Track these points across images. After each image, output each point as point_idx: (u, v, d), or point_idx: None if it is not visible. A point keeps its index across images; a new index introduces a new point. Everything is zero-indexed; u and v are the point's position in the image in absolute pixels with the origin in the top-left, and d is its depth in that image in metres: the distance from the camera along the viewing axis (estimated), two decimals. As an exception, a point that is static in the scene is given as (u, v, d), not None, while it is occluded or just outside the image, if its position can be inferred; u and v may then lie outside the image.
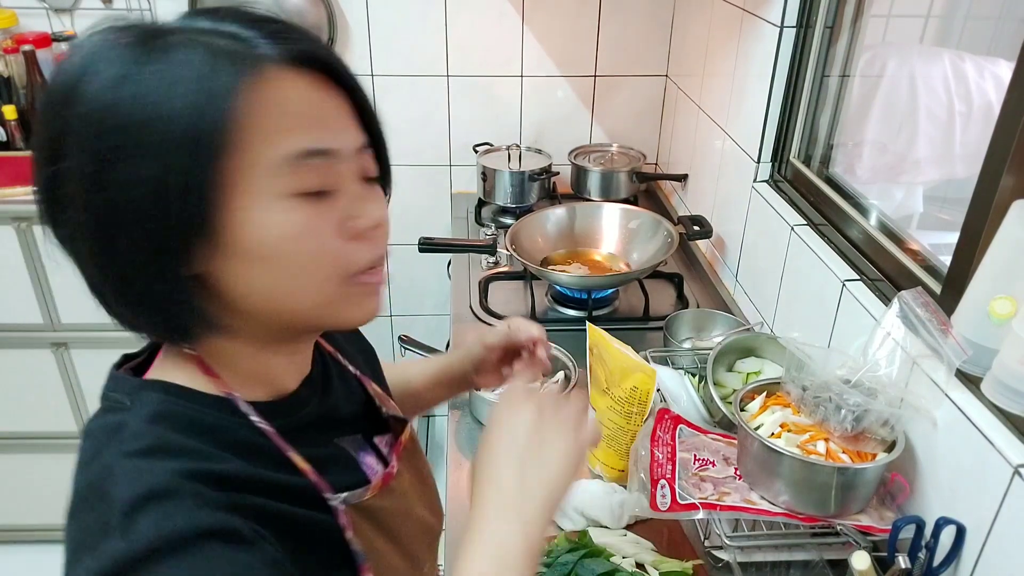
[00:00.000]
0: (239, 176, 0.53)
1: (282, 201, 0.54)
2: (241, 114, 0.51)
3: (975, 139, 1.60)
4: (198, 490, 0.52)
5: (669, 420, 1.17)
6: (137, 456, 0.54)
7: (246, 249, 0.54)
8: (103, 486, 0.54)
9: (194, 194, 0.51)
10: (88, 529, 0.53)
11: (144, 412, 0.58)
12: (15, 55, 1.89)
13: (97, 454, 0.59)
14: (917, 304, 0.99)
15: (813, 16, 1.43)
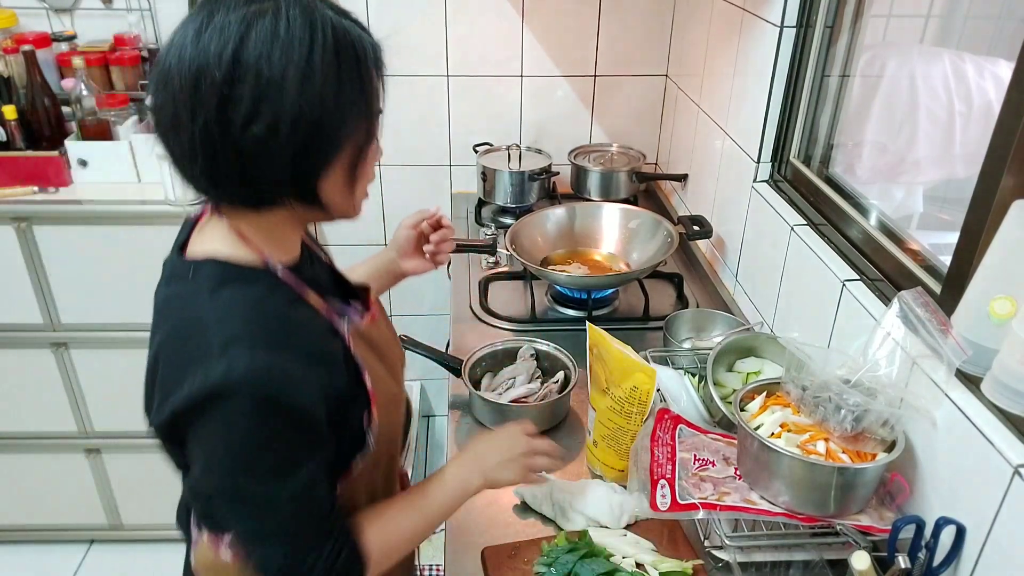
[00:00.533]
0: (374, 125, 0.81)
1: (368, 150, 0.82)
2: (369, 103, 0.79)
3: (975, 139, 1.60)
4: (267, 333, 0.75)
5: (669, 420, 1.17)
6: (216, 308, 0.76)
7: (362, 167, 0.82)
8: (193, 329, 0.76)
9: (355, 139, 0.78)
10: (188, 356, 0.74)
11: (206, 279, 0.79)
12: (15, 55, 1.88)
13: (179, 310, 0.79)
14: (917, 304, 0.99)
15: (813, 16, 1.43)
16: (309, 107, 0.72)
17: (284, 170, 0.75)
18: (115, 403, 2.09)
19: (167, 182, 1.79)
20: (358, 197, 0.84)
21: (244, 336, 0.74)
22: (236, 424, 0.73)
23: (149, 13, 2.16)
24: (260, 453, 0.76)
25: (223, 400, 0.73)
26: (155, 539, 2.36)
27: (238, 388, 0.72)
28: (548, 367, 1.45)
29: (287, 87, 0.71)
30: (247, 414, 0.73)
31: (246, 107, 0.71)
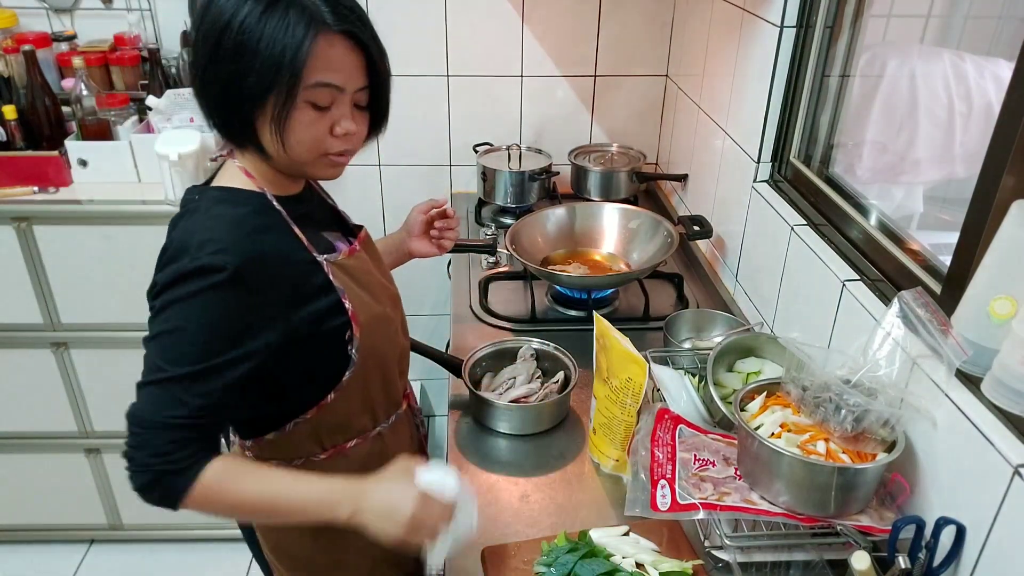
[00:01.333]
0: (298, 85, 0.90)
1: (305, 106, 0.93)
2: (304, 54, 0.89)
3: (975, 139, 1.59)
4: (236, 240, 0.92)
5: (669, 420, 1.17)
6: (203, 218, 0.95)
7: (288, 121, 0.93)
8: (187, 235, 0.92)
9: (277, 91, 0.90)
10: (176, 251, 0.91)
11: (209, 199, 0.98)
12: (15, 55, 1.88)
13: (181, 226, 0.96)
14: (917, 304, 0.99)
15: (813, 16, 1.43)
16: (226, 55, 0.90)
17: (220, 111, 0.95)
18: (115, 403, 2.07)
19: (167, 182, 1.79)
20: (295, 152, 0.96)
21: (219, 240, 0.91)
22: (191, 299, 0.89)
23: (149, 13, 2.16)
24: (204, 326, 0.90)
25: (184, 281, 0.89)
26: (155, 539, 2.36)
27: (196, 272, 0.89)
28: (548, 367, 1.45)
29: (214, 39, 0.90)
30: (201, 292, 0.89)
31: (196, 55, 0.94)
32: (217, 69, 0.91)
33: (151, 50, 2.05)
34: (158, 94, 2.00)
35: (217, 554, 2.34)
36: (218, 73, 0.91)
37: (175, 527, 2.32)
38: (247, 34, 0.88)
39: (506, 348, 1.46)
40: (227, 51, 0.89)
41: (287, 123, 0.92)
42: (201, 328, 0.90)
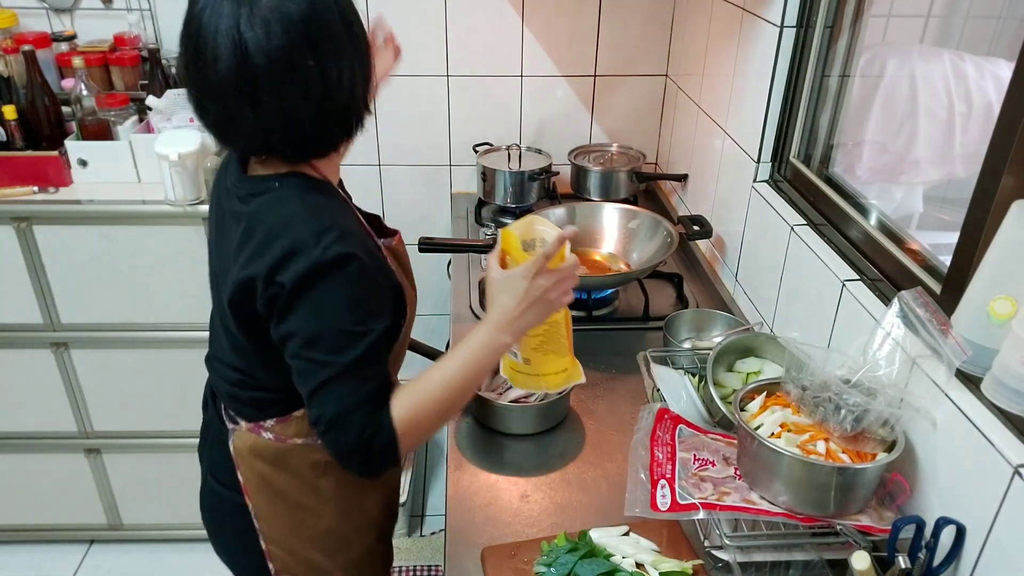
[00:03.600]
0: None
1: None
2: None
3: (975, 139, 1.60)
4: (346, 229, 0.95)
5: (669, 420, 1.17)
6: (306, 208, 0.96)
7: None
8: (287, 224, 0.94)
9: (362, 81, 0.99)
10: (287, 243, 0.92)
11: (292, 185, 0.99)
12: (15, 55, 1.88)
13: (272, 212, 0.96)
14: (917, 304, 0.99)
15: (813, 16, 1.43)
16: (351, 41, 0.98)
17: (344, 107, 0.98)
18: (115, 403, 2.09)
19: (167, 182, 1.79)
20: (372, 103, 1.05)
21: (334, 228, 0.94)
22: (334, 291, 0.93)
23: (149, 13, 2.16)
24: (350, 311, 0.94)
25: (323, 275, 0.92)
26: (155, 539, 2.36)
27: (334, 264, 0.92)
28: (548, 367, 1.45)
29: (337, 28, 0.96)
30: (341, 283, 0.93)
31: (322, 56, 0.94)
32: (345, 57, 0.94)
33: (151, 50, 2.05)
34: (158, 94, 2.00)
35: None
36: (349, 61, 0.95)
37: (175, 527, 2.32)
38: (353, 15, 0.96)
39: (506, 348, 1.46)
40: (347, 38, 0.95)
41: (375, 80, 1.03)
42: (351, 314, 0.94)
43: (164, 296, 1.94)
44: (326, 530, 1.21)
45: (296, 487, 1.16)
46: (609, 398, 1.44)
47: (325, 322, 0.93)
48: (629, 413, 1.37)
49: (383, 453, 0.95)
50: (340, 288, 0.93)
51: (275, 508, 1.19)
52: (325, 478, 1.17)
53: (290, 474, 1.15)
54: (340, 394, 0.94)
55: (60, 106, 1.96)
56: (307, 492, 1.17)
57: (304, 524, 1.20)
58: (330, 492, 1.18)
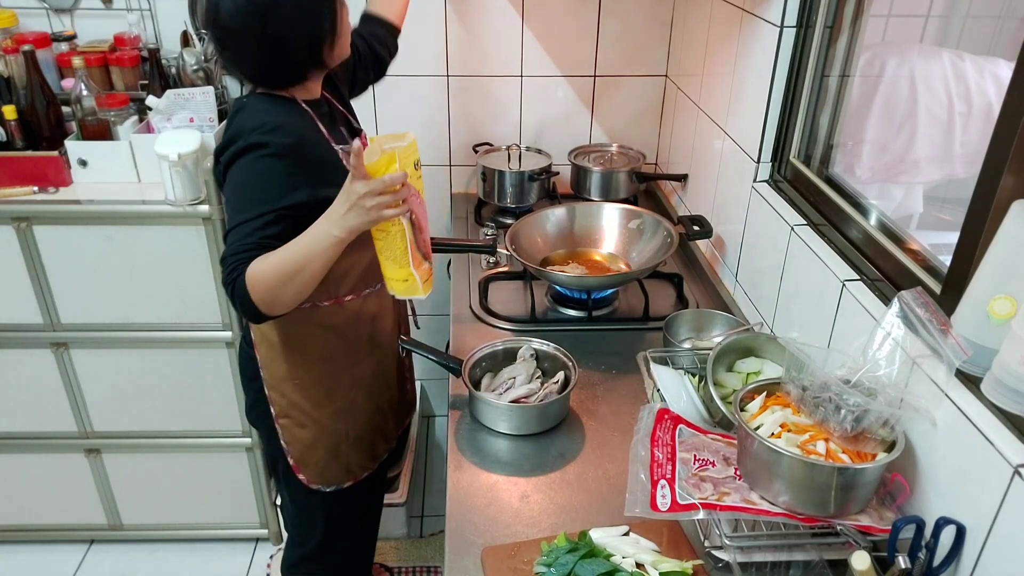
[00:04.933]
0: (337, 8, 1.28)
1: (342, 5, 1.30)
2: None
3: (975, 139, 1.60)
4: (278, 126, 1.24)
5: (669, 420, 1.17)
6: (254, 113, 1.27)
7: (340, 31, 1.30)
8: (235, 123, 1.27)
9: (329, 30, 1.27)
10: (233, 132, 1.26)
11: (255, 99, 1.31)
12: (15, 55, 1.88)
13: (233, 115, 1.30)
14: (917, 304, 0.99)
15: (813, 16, 1.43)
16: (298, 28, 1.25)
17: (300, 65, 1.29)
18: (115, 403, 2.09)
19: (167, 182, 1.79)
20: (342, 52, 1.33)
21: (265, 124, 1.23)
22: (245, 167, 1.22)
23: (149, 13, 2.16)
24: (253, 185, 1.23)
25: (241, 155, 1.22)
26: (155, 539, 2.36)
27: (249, 148, 1.21)
28: (548, 367, 1.45)
29: (280, 23, 1.23)
30: (251, 162, 1.22)
31: (267, 40, 1.24)
32: (290, 24, 1.21)
33: (151, 50, 2.05)
34: (158, 94, 2.00)
35: (217, 554, 2.34)
36: (295, 38, 1.23)
37: (175, 527, 2.32)
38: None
39: (506, 348, 1.46)
40: (292, 7, 1.20)
41: (341, 31, 1.28)
42: (254, 186, 1.22)
43: (164, 296, 1.94)
44: (311, 381, 1.47)
45: (288, 343, 1.43)
46: (609, 398, 1.44)
47: (235, 190, 1.23)
48: (629, 413, 1.37)
49: (240, 295, 1.17)
50: (250, 166, 1.22)
51: (272, 359, 1.46)
52: (312, 338, 1.44)
53: (283, 331, 1.42)
54: (230, 242, 1.20)
55: (60, 106, 1.96)
56: (297, 347, 1.44)
57: (292, 374, 1.46)
58: (317, 349, 1.45)
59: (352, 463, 1.58)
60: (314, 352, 1.45)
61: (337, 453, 1.55)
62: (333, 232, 1.14)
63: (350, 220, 1.13)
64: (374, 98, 2.22)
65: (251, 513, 2.29)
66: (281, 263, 1.17)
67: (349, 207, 1.13)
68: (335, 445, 1.54)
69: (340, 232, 1.14)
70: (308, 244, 1.17)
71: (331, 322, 1.44)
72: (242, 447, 2.14)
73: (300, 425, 1.51)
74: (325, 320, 1.43)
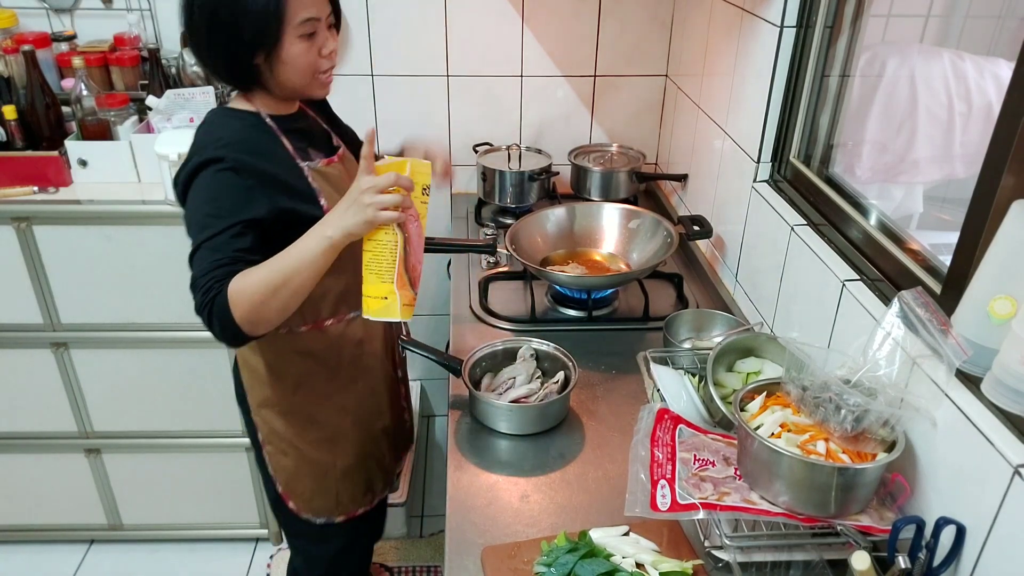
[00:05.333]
0: (286, 26, 1.16)
1: (296, 40, 1.18)
2: (282, 7, 1.14)
3: (975, 139, 1.60)
4: (230, 143, 1.19)
5: (669, 420, 1.17)
6: (211, 128, 1.24)
7: (282, 58, 1.19)
8: (198, 141, 1.21)
9: (271, 35, 1.16)
10: (187, 160, 1.19)
11: (216, 113, 1.28)
12: (15, 55, 1.88)
13: (198, 132, 1.24)
14: (917, 304, 0.99)
15: (813, 16, 1.43)
16: (225, 18, 1.14)
17: (226, 64, 1.20)
18: (115, 403, 2.09)
19: (167, 182, 1.79)
20: (294, 80, 1.22)
21: (219, 138, 1.19)
22: (201, 184, 1.16)
23: (149, 13, 2.16)
24: (208, 201, 1.15)
25: (196, 172, 1.16)
26: (155, 539, 2.36)
27: (203, 165, 1.16)
28: (548, 367, 1.45)
29: (206, 13, 1.15)
30: (207, 178, 1.16)
31: (196, 29, 1.19)
32: (218, 29, 1.15)
33: (151, 50, 2.05)
34: (158, 94, 2.00)
35: (217, 554, 2.34)
36: (220, 32, 1.16)
37: (175, 527, 2.32)
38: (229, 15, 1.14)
39: (506, 348, 1.46)
40: (225, 13, 1.14)
41: (285, 58, 1.18)
42: (215, 200, 1.15)
43: (164, 296, 1.93)
44: (291, 408, 1.42)
45: (265, 368, 1.39)
46: (609, 398, 1.44)
47: (195, 207, 1.16)
48: (629, 413, 1.37)
49: (220, 315, 1.09)
50: (208, 181, 1.16)
51: (252, 383, 1.42)
52: (289, 364, 1.38)
53: (260, 356, 1.38)
54: (198, 263, 1.13)
55: (60, 106, 1.96)
56: (273, 372, 1.39)
57: (271, 400, 1.42)
58: (292, 376, 1.39)
59: (343, 496, 1.52)
60: (293, 378, 1.40)
61: (325, 484, 1.49)
62: (326, 233, 1.10)
63: (347, 218, 1.10)
64: (374, 98, 2.22)
65: (251, 513, 2.29)
66: (268, 275, 1.10)
67: (349, 204, 1.10)
68: (321, 475, 1.48)
69: (334, 232, 1.10)
70: (298, 251, 1.11)
71: (309, 348, 1.38)
72: (242, 447, 2.14)
73: (282, 452, 1.46)
74: (303, 346, 1.37)
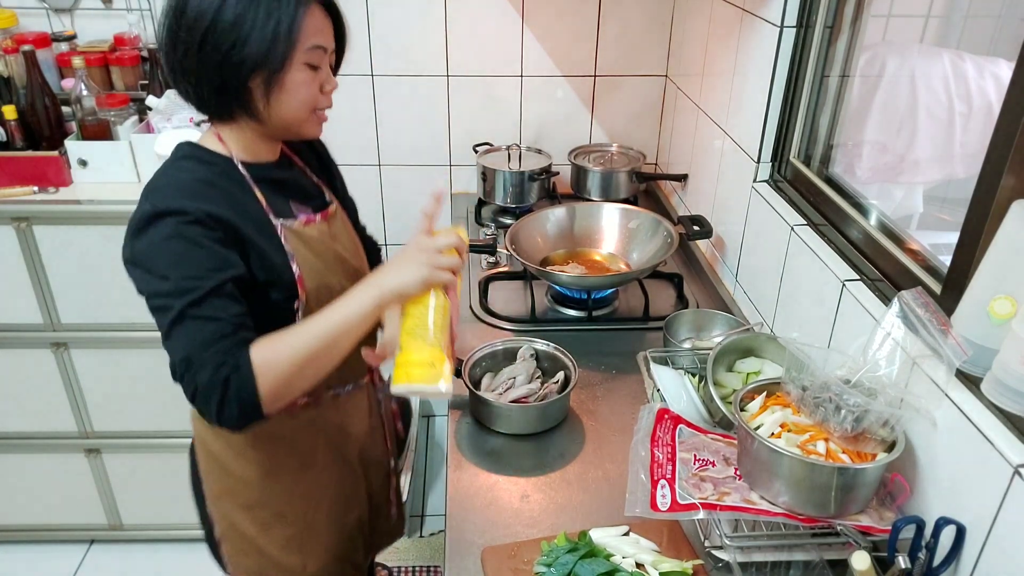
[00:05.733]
0: (296, 48, 1.02)
1: (302, 67, 1.04)
2: (297, 26, 1.01)
3: (975, 139, 1.60)
4: (193, 192, 1.01)
5: (669, 420, 1.17)
6: (170, 175, 1.05)
7: (284, 84, 1.04)
8: (153, 184, 1.03)
9: (277, 54, 1.01)
10: (138, 206, 1.00)
11: (181, 151, 1.09)
12: (15, 55, 1.88)
13: (152, 176, 1.05)
14: (917, 304, 0.99)
15: (813, 16, 1.43)
16: (225, 29, 0.98)
17: (213, 82, 1.01)
18: (115, 403, 2.09)
19: (167, 182, 1.79)
20: (286, 114, 1.06)
21: (170, 188, 1.01)
22: (152, 245, 0.98)
23: (149, 13, 2.16)
24: (178, 261, 0.97)
25: (145, 227, 0.98)
26: (155, 539, 2.36)
27: (153, 218, 0.97)
28: (548, 367, 1.45)
29: (203, 23, 0.98)
30: (163, 234, 0.97)
31: (184, 41, 1.00)
32: (216, 41, 0.98)
33: (151, 50, 2.05)
34: (158, 94, 2.01)
35: (217, 554, 2.34)
36: (216, 45, 0.98)
37: (175, 527, 2.32)
38: (244, 8, 0.98)
39: (506, 348, 1.46)
40: (225, 25, 0.98)
41: (287, 85, 1.03)
42: (192, 257, 0.97)
43: (164, 296, 1.93)
44: (256, 501, 1.22)
45: (227, 453, 1.20)
46: (609, 398, 1.44)
47: (159, 268, 0.97)
48: (629, 413, 1.37)
49: (241, 392, 0.93)
50: (167, 237, 0.97)
51: (210, 470, 1.23)
52: (254, 450, 1.19)
53: (222, 439, 1.19)
54: (187, 335, 0.94)
55: (60, 106, 1.97)
56: (235, 457, 1.19)
57: (234, 491, 1.22)
58: (259, 463, 1.20)
59: None
60: (260, 466, 1.21)
61: None
62: (375, 292, 1.00)
63: (403, 276, 1.01)
64: (374, 98, 2.22)
65: (251, 513, 2.29)
66: (309, 340, 0.97)
67: (405, 261, 1.02)
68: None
69: (384, 292, 1.00)
70: (345, 312, 0.99)
71: (281, 431, 1.19)
72: (242, 447, 2.14)
73: (243, 553, 1.26)
74: (273, 429, 1.17)
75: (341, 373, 1.13)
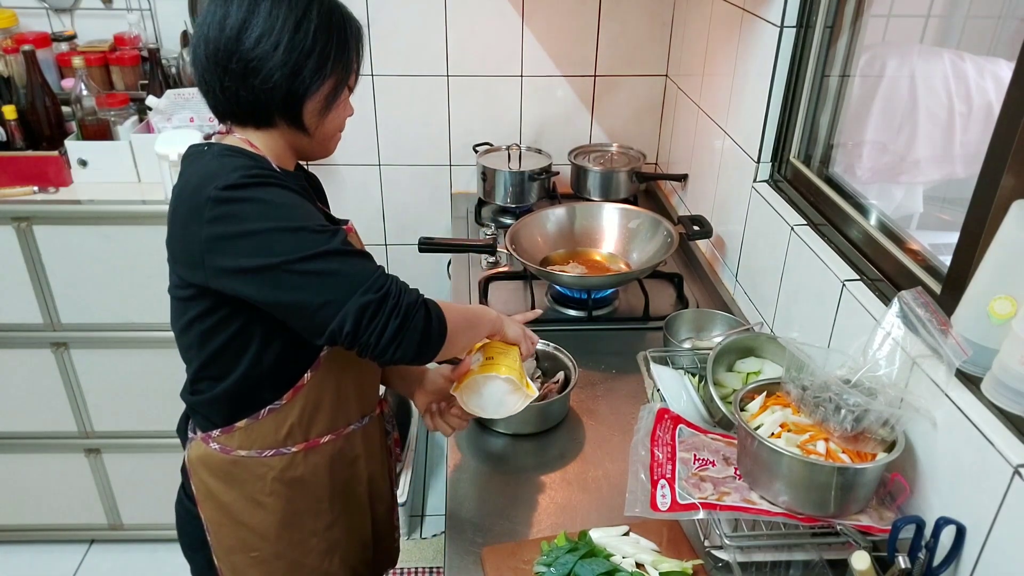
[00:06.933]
0: (358, 70, 1.08)
1: (347, 89, 1.07)
2: (365, 43, 1.08)
3: (975, 139, 1.59)
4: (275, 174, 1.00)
5: (669, 420, 1.17)
6: (221, 160, 0.98)
7: (340, 100, 1.06)
8: (204, 178, 0.95)
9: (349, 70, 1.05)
10: (200, 199, 0.93)
11: (217, 151, 1.01)
12: (15, 55, 1.88)
13: (192, 171, 0.99)
14: (917, 304, 0.99)
15: (813, 16, 1.43)
16: (306, 36, 0.97)
17: (271, 89, 0.98)
18: (115, 403, 2.09)
19: (167, 182, 1.79)
20: (328, 129, 1.07)
21: (237, 170, 0.95)
22: (259, 199, 0.93)
23: (149, 13, 2.16)
24: (297, 211, 0.95)
25: (238, 190, 0.93)
26: (155, 539, 2.36)
27: (244, 183, 0.93)
28: (548, 367, 1.45)
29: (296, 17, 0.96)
30: (262, 193, 0.94)
31: (240, 67, 0.96)
32: (292, 45, 0.96)
33: (151, 50, 2.05)
34: (158, 94, 2.01)
35: (217, 554, 2.34)
36: (293, 48, 0.96)
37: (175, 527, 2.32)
38: (333, 16, 1.00)
39: (506, 348, 1.46)
40: (307, 33, 0.97)
41: (340, 103, 1.06)
42: (294, 211, 0.95)
43: (164, 296, 1.93)
44: (273, 553, 1.17)
45: (240, 503, 1.13)
46: (609, 398, 1.44)
47: (274, 216, 0.92)
48: (629, 413, 1.37)
49: (440, 316, 0.98)
50: (265, 196, 0.93)
51: (221, 522, 1.16)
52: (272, 497, 1.13)
53: (236, 489, 1.13)
54: (360, 266, 0.94)
55: (60, 106, 1.97)
56: (252, 510, 1.14)
57: (248, 544, 1.16)
58: (277, 511, 1.14)
59: None
60: (278, 515, 1.14)
61: None
62: (494, 315, 1.17)
63: (510, 323, 1.19)
64: (374, 98, 2.22)
65: (251, 513, 2.29)
66: (454, 315, 1.02)
67: (510, 322, 1.20)
68: None
69: (501, 319, 1.18)
70: (475, 311, 1.14)
71: (299, 474, 1.13)
72: (242, 447, 2.14)
73: None
74: (291, 472, 1.12)
75: (361, 406, 1.19)
